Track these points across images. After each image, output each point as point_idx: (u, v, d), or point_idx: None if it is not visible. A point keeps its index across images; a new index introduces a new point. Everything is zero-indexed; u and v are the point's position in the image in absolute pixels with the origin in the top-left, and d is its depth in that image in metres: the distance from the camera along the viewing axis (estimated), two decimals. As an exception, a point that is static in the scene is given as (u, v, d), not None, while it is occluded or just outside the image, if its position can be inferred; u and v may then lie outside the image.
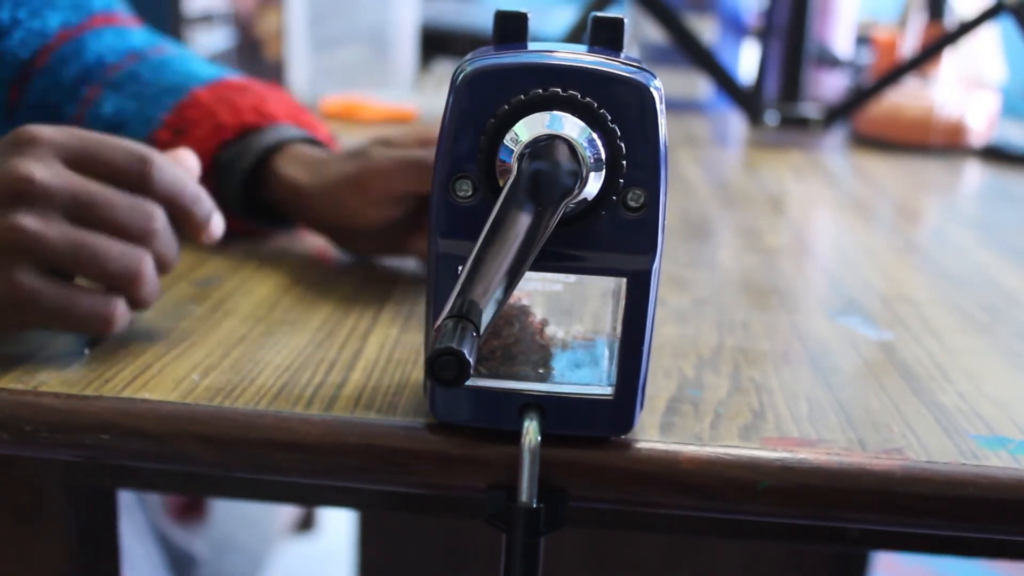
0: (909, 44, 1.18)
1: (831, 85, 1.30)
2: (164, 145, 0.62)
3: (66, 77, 0.66)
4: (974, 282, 0.66)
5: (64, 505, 0.54)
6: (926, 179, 0.98)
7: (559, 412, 0.40)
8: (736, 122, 1.22)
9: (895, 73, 1.05)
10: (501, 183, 0.38)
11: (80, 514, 0.56)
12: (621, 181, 0.38)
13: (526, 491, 0.40)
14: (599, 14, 0.46)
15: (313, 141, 0.64)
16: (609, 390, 0.41)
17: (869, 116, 1.11)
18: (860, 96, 1.06)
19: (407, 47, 1.20)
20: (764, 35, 1.18)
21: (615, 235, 0.39)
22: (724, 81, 1.04)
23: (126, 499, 1.19)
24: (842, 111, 1.06)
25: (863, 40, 1.39)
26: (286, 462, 0.42)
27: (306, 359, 0.48)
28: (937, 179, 0.99)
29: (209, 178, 0.61)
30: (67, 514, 0.54)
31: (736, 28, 1.24)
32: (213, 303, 0.55)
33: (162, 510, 1.27)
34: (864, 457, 0.41)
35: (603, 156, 0.37)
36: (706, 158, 1.02)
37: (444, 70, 1.29)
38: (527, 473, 0.40)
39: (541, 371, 0.42)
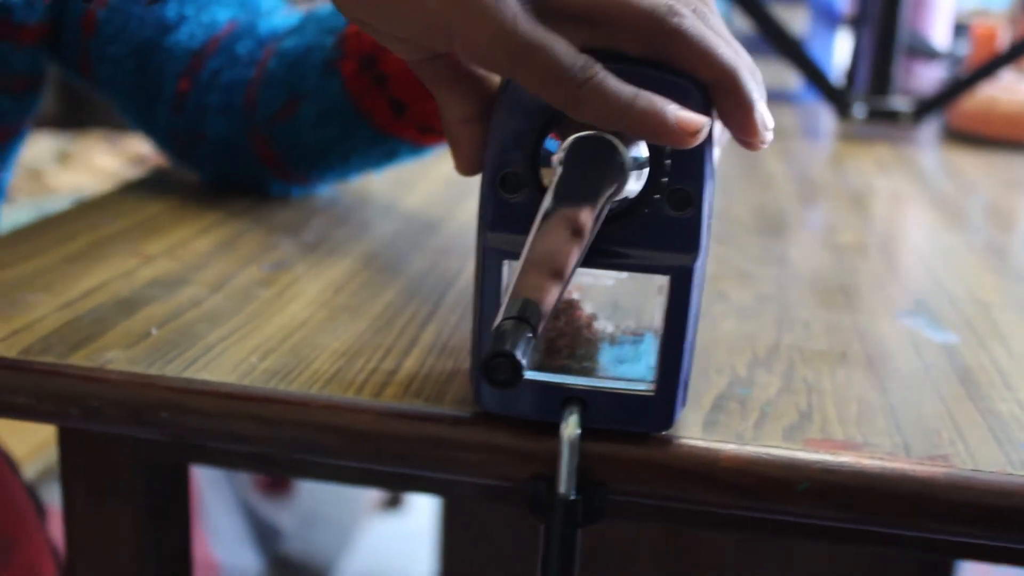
0: (1008, 35, 1.14)
1: (927, 77, 1.27)
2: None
3: (240, 52, 0.68)
4: (1052, 285, 0.64)
5: (136, 479, 0.57)
6: (1017, 178, 0.95)
7: (600, 406, 0.41)
8: (826, 114, 1.20)
9: (990, 66, 1.02)
10: (546, 182, 0.39)
11: (152, 488, 0.58)
12: (665, 180, 0.39)
13: (564, 483, 0.40)
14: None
15: None
16: (650, 386, 0.41)
17: (963, 110, 1.08)
18: (952, 90, 1.04)
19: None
20: (857, 25, 1.15)
21: (658, 233, 0.39)
22: (811, 72, 1.02)
23: (214, 473, 1.23)
24: (933, 105, 1.04)
25: (962, 30, 1.35)
26: (334, 446, 0.44)
27: (363, 345, 0.49)
28: (1030, 176, 0.96)
29: None
30: (139, 488, 0.57)
31: (828, 18, 1.22)
32: (281, 287, 0.56)
33: (250, 484, 1.31)
34: (907, 463, 0.41)
35: (645, 155, 0.38)
36: (791, 151, 1.01)
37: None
38: (566, 465, 0.40)
39: (586, 365, 0.42)
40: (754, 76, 0.39)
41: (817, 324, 0.55)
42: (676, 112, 0.36)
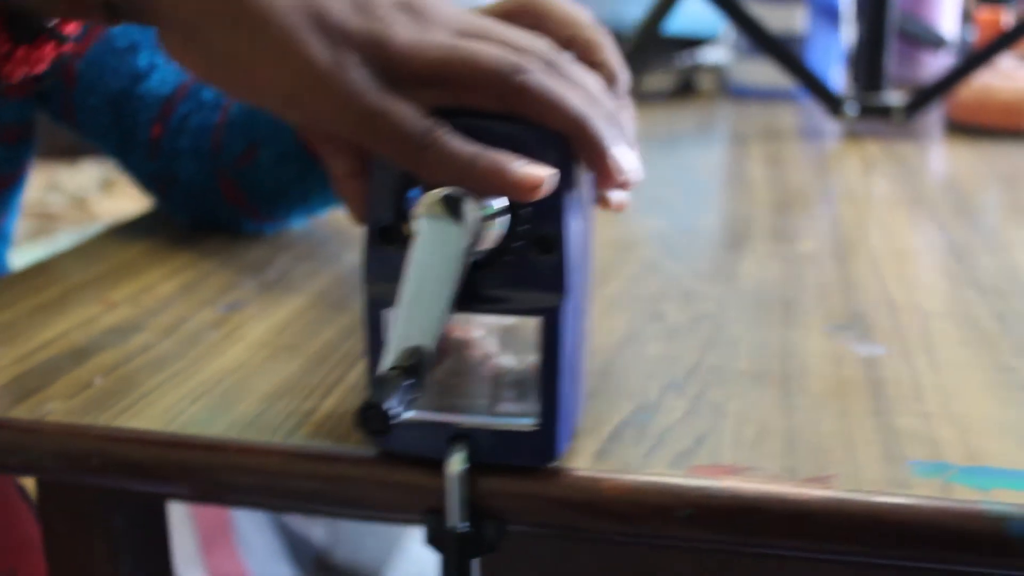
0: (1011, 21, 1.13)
1: (935, 67, 1.25)
2: None
3: (206, 96, 0.71)
4: (1002, 288, 0.64)
5: (114, 515, 0.60)
6: (1004, 170, 0.95)
7: (486, 443, 0.43)
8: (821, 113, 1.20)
9: (982, 54, 1.01)
10: (411, 234, 0.41)
11: (131, 523, 0.61)
12: (525, 227, 0.40)
13: (453, 517, 0.42)
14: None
15: None
16: (532, 421, 0.43)
17: (960, 100, 1.07)
18: (945, 81, 1.03)
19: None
20: (858, 21, 1.15)
21: (525, 277, 0.41)
22: (798, 72, 1.02)
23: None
24: (925, 99, 1.03)
25: (969, 18, 1.33)
26: (247, 488, 0.46)
27: (292, 385, 0.52)
28: (1022, 170, 0.95)
29: None
30: (118, 523, 0.60)
31: (828, 15, 1.22)
32: (230, 328, 0.59)
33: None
34: (788, 485, 0.42)
35: (501, 205, 0.40)
36: (776, 153, 1.01)
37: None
38: (452, 500, 0.42)
39: (478, 402, 0.44)
40: (612, 120, 0.41)
41: (744, 343, 0.56)
42: (517, 169, 0.38)
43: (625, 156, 0.41)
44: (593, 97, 0.41)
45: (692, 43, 1.33)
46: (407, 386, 0.38)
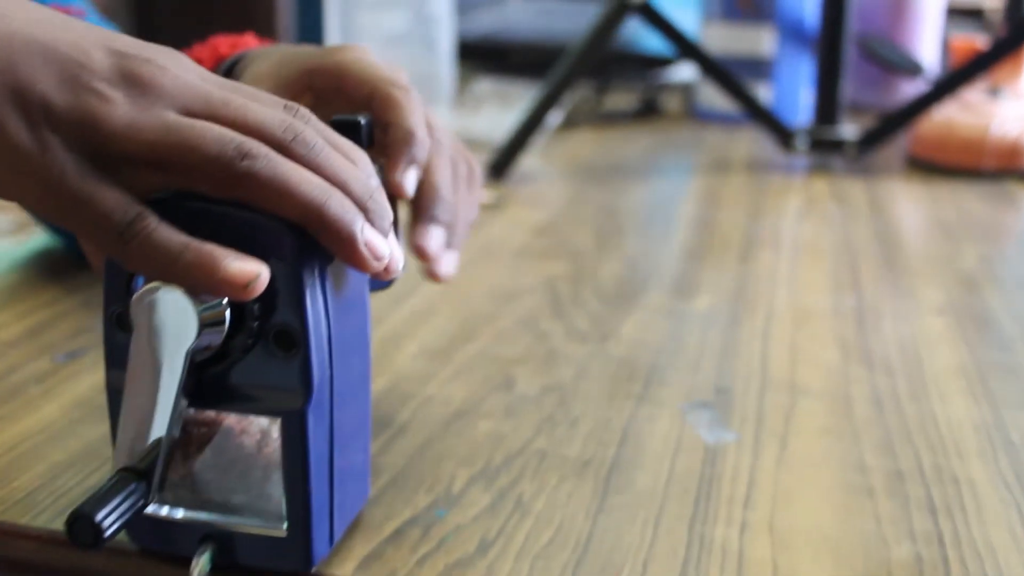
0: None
1: (910, 95, 1.20)
2: None
3: None
4: (892, 364, 0.59)
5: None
6: (954, 218, 0.89)
7: (237, 545, 0.39)
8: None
9: (944, 84, 0.96)
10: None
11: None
12: (266, 321, 0.37)
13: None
14: (339, 117, 0.44)
15: None
16: (283, 527, 0.39)
17: (920, 135, 1.02)
18: (903, 113, 0.98)
19: (445, 63, 1.19)
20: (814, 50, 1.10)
21: (266, 374, 0.37)
22: (745, 101, 0.98)
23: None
24: (881, 133, 0.98)
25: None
26: (-1, 577, 0.43)
27: (86, 456, 0.48)
28: (971, 215, 0.90)
29: None
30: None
31: (797, 38, 1.17)
32: (56, 381, 0.56)
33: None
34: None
35: (224, 302, 0.36)
36: (717, 189, 0.96)
37: (486, 89, 1.27)
38: (196, 607, 0.39)
39: (233, 500, 0.41)
40: (367, 203, 0.37)
41: (585, 423, 0.52)
42: (229, 265, 0.34)
43: (377, 244, 0.37)
44: (341, 179, 0.37)
45: (659, 62, 1.29)
46: (131, 491, 0.35)
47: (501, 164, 0.95)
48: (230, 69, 0.58)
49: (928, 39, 1.22)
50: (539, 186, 0.96)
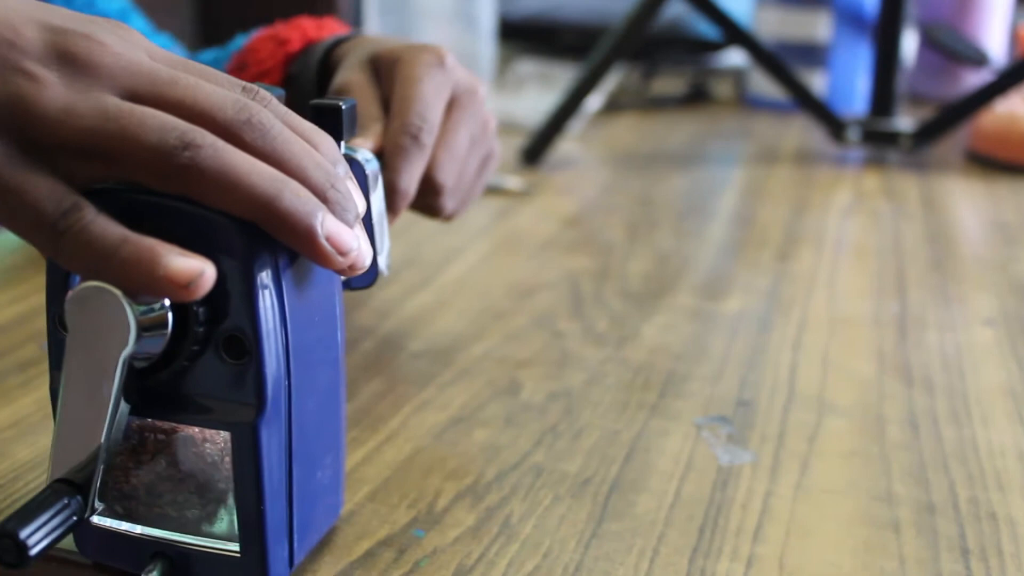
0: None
1: (975, 86, 1.14)
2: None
3: None
4: (933, 380, 0.55)
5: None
6: (1014, 219, 0.84)
7: (189, 563, 0.36)
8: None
9: (1009, 76, 0.90)
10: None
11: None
12: (214, 326, 0.33)
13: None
14: (317, 101, 0.41)
15: None
16: (236, 546, 0.36)
17: (981, 129, 0.96)
18: (962, 106, 0.92)
19: (486, 42, 1.15)
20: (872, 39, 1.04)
21: (216, 384, 0.34)
22: (796, 89, 0.92)
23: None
24: (938, 126, 0.92)
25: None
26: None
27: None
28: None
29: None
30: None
31: (856, 23, 1.11)
32: (39, 372, 0.53)
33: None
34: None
35: (166, 304, 0.33)
36: (762, 181, 0.91)
37: (529, 70, 1.23)
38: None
39: (186, 515, 0.37)
40: (328, 193, 0.33)
41: (591, 434, 0.48)
42: (169, 262, 0.31)
43: (342, 237, 0.33)
44: (298, 166, 0.33)
45: (710, 46, 1.23)
46: (64, 505, 0.32)
47: (535, 150, 0.91)
48: (326, 54, 0.56)
49: (995, 28, 1.15)
50: (574, 173, 0.92)
